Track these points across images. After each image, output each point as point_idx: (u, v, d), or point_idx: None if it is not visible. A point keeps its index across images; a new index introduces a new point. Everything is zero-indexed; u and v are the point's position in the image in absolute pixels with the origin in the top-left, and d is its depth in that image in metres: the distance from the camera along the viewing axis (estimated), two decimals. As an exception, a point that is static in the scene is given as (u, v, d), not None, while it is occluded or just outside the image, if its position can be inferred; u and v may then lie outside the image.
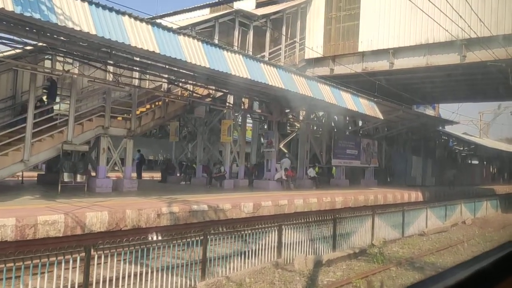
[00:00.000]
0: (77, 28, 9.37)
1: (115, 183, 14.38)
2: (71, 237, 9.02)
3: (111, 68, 14.35)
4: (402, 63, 19.81)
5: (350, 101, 18.65)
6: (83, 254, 5.94)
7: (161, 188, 16.89)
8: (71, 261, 5.79)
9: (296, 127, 23.58)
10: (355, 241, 10.99)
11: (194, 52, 12.03)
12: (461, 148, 42.25)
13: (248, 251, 8.14)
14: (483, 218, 19.39)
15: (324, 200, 16.69)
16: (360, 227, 11.27)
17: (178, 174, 20.51)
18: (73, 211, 9.47)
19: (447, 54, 18.58)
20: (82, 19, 9.60)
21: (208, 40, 12.86)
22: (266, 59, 19.27)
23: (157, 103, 15.72)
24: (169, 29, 11.59)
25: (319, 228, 9.83)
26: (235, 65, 13.34)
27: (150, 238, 8.41)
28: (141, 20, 10.88)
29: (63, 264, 5.42)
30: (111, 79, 14.11)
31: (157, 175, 21.80)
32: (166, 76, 15.09)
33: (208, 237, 7.34)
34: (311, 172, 22.20)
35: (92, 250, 5.50)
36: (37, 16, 8.69)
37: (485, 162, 47.06)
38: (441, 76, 22.21)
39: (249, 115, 25.35)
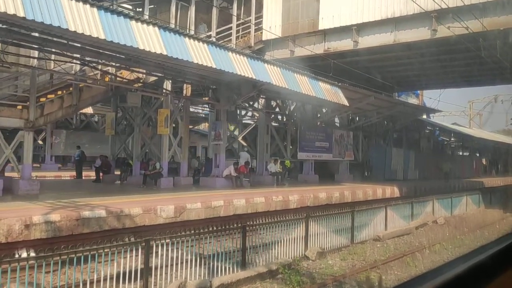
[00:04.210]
0: None
1: (10, 184, 12.00)
2: None
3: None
4: (368, 41, 17.38)
5: (307, 85, 16.24)
6: None
7: (82, 190, 14.52)
8: None
9: (256, 117, 21.20)
10: (279, 254, 8.63)
11: (83, 20, 9.60)
12: (449, 139, 39.96)
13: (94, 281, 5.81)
14: (461, 216, 17.04)
15: (274, 199, 14.39)
16: (287, 236, 8.90)
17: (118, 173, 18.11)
18: None
19: (417, 29, 16.15)
20: None
21: (107, 7, 10.43)
22: (213, 39, 16.88)
23: (71, 89, 13.30)
24: (44, -11, 9.16)
25: (217, 240, 7.47)
26: (147, 38, 10.92)
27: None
28: (-1, -25, 8.46)
29: None
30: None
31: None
32: (77, 56, 12.70)
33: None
34: (272, 167, 19.81)
35: None
36: None
37: (477, 154, 44.89)
38: (415, 55, 19.88)
39: (207, 105, 23.02)
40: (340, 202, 16.83)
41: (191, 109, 29.93)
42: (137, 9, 17.76)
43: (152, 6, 18.37)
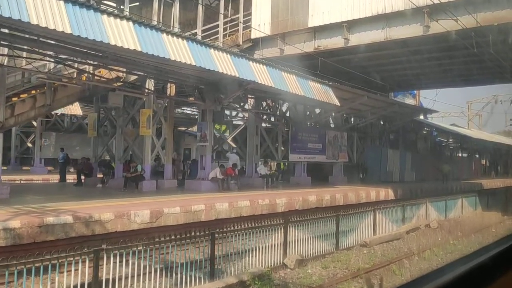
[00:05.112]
0: None
1: (-21, 188, 11.41)
2: None
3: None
4: (359, 38, 16.77)
5: (294, 84, 15.64)
6: None
7: (59, 194, 13.91)
8: None
9: (246, 118, 20.59)
10: (255, 263, 8.00)
11: (48, 13, 9.02)
12: (447, 140, 39.31)
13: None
14: (456, 219, 16.37)
15: (260, 202, 13.79)
16: (264, 243, 8.28)
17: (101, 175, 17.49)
18: None
19: (408, 25, 15.55)
20: None
21: (75, 0, 9.84)
22: (199, 38, 16.30)
23: (45, 88, 12.71)
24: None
25: (183, 249, 6.85)
26: (119, 33, 10.34)
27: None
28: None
29: None
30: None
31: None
32: (50, 53, 12.11)
33: None
34: (262, 170, 19.19)
35: None
36: None
37: (477, 155, 44.23)
38: (412, 54, 19.28)
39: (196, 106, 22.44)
40: (331, 205, 16.20)
41: (187, 111, 29.44)
42: (121, 6, 17.22)
43: (136, 3, 17.84)
